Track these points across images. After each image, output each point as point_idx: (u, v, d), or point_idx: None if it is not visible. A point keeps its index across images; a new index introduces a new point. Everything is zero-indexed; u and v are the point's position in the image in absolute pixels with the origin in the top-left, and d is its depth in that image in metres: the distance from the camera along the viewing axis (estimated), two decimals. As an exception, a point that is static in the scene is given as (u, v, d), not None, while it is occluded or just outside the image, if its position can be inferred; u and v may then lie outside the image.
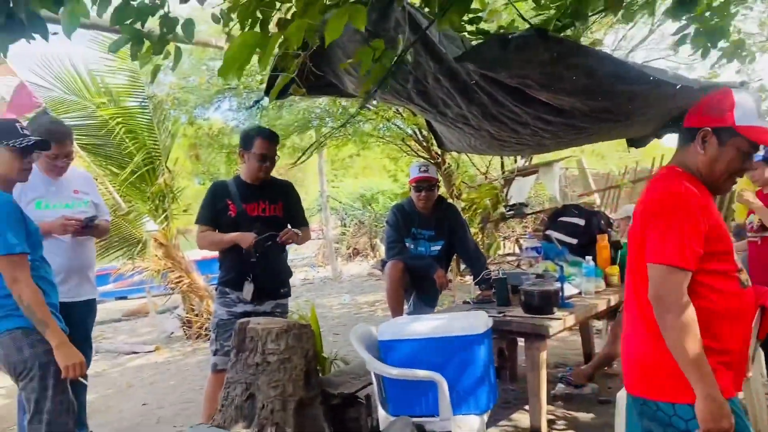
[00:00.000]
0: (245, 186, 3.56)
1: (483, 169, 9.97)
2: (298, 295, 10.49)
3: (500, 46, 2.68)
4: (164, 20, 2.34)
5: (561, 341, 5.74)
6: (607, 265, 4.08)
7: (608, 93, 3.19)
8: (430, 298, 4.39)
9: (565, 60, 2.79)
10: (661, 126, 4.28)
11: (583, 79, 2.97)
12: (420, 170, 4.27)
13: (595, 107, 3.40)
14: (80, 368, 2.56)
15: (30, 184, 3.00)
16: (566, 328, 3.49)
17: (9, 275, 2.47)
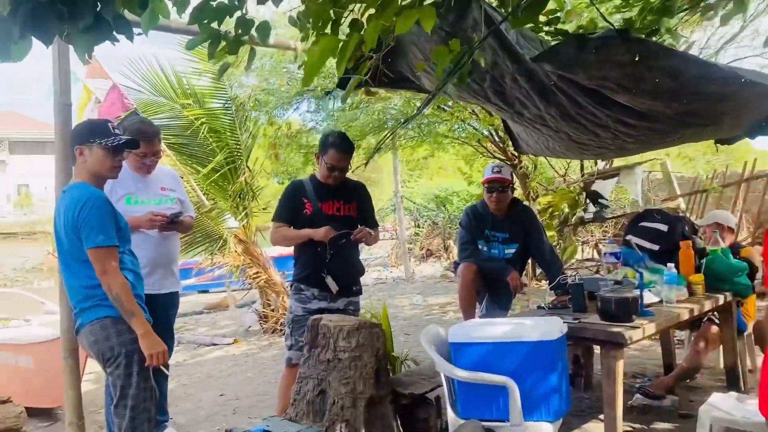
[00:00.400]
0: (321, 186, 3.64)
1: (561, 171, 9.74)
2: (371, 294, 10.58)
3: (578, 46, 2.62)
4: (240, 21, 2.41)
5: (640, 351, 5.54)
6: (691, 273, 3.90)
7: (694, 95, 3.05)
8: (503, 301, 4.33)
9: (647, 61, 2.69)
10: (753, 125, 4.05)
11: (667, 81, 2.86)
12: (493, 171, 4.23)
13: (680, 110, 3.26)
14: (162, 357, 2.69)
15: (120, 181, 3.17)
16: (645, 337, 3.37)
17: (100, 267, 2.62)
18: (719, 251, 4.06)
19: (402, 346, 5.48)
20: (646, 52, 2.64)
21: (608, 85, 3.01)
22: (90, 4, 1.94)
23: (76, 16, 1.92)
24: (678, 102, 3.11)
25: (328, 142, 3.62)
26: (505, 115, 4.45)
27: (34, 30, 1.87)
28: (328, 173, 3.58)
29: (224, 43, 2.49)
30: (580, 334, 3.28)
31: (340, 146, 3.60)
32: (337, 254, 3.51)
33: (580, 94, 3.30)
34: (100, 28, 2.00)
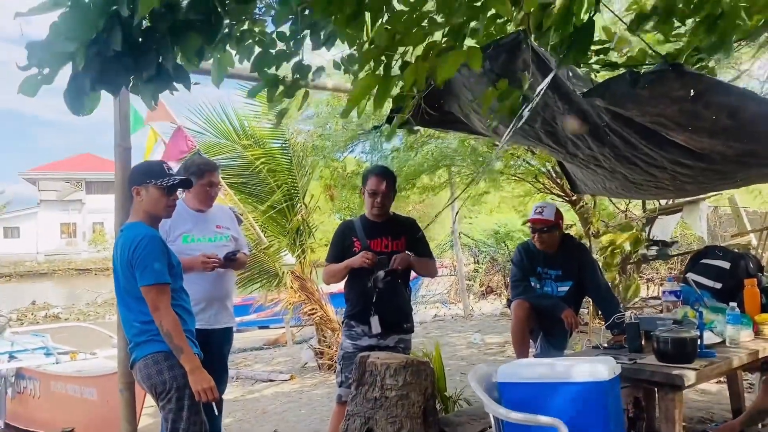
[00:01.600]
0: (369, 223, 3.73)
1: (622, 208, 9.50)
2: (428, 332, 10.50)
3: (631, 81, 2.59)
4: (298, 67, 2.52)
5: (707, 395, 5.28)
6: (757, 313, 3.72)
7: (755, 135, 2.93)
8: (558, 340, 4.23)
9: (704, 98, 2.61)
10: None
11: (725, 119, 2.76)
12: (536, 211, 4.19)
13: (740, 151, 3.14)
14: (212, 393, 2.76)
15: (178, 220, 3.32)
16: (706, 379, 3.22)
17: (152, 303, 2.73)
18: (788, 289, 3.87)
19: (457, 386, 5.39)
20: (702, 87, 2.57)
21: (663, 122, 2.94)
22: (152, 56, 2.07)
23: (140, 68, 2.07)
24: (738, 142, 2.99)
25: (366, 173, 3.80)
26: (558, 156, 4.41)
27: (103, 83, 2.02)
28: (371, 200, 3.67)
29: (282, 88, 2.61)
30: (636, 376, 3.17)
31: (376, 171, 3.76)
32: (384, 292, 3.54)
33: (634, 135, 3.24)
34: (161, 78, 2.14)
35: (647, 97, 2.68)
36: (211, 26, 2.05)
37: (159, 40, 2.04)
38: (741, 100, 2.69)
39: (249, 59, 2.41)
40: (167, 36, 2.04)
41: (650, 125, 3.04)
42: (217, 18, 2.07)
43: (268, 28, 2.34)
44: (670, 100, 2.66)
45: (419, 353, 5.02)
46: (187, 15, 2.03)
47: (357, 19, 2.08)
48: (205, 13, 2.05)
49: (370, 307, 3.57)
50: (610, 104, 2.89)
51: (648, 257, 8.06)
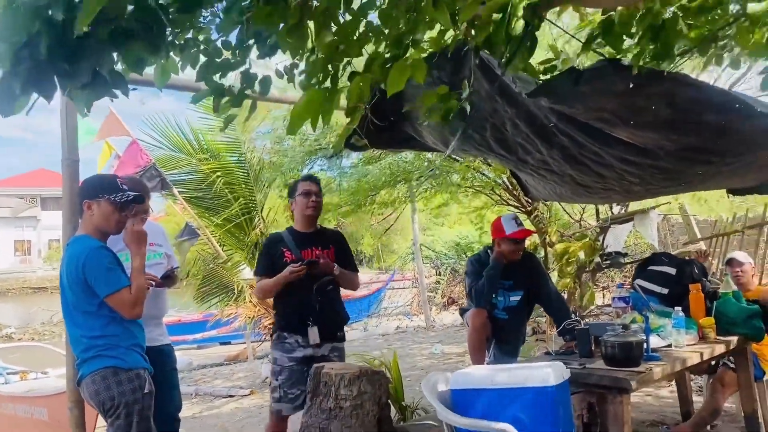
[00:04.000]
0: (298, 234, 3.79)
1: (577, 217, 9.70)
2: (390, 344, 10.52)
3: (573, 79, 2.67)
4: (244, 76, 2.53)
5: (659, 398, 5.42)
6: (702, 317, 3.85)
7: (693, 125, 3.01)
8: (511, 347, 4.30)
9: (642, 89, 2.69)
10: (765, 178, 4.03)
11: (664, 108, 2.84)
12: (518, 224, 4.23)
13: (681, 144, 3.24)
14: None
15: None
16: (652, 382, 3.31)
17: (126, 307, 2.73)
18: (730, 294, 4.01)
19: (415, 395, 5.42)
20: (639, 78, 2.65)
21: (606, 117, 3.03)
22: (88, 62, 2.04)
23: (75, 74, 2.03)
24: (677, 133, 3.08)
25: (293, 183, 3.91)
26: (509, 165, 4.49)
27: (35, 86, 1.98)
28: (306, 200, 3.73)
29: (228, 97, 2.60)
30: (586, 380, 3.23)
31: (306, 177, 3.92)
32: (323, 301, 3.58)
33: (580, 134, 3.33)
34: (98, 84, 2.11)
35: (589, 93, 2.76)
36: (154, 34, 2.04)
37: (96, 47, 2.01)
38: (676, 84, 2.78)
39: (194, 66, 2.41)
40: (106, 43, 2.02)
41: (594, 122, 3.13)
42: (159, 26, 2.06)
43: (214, 36, 2.34)
44: (611, 94, 2.75)
45: (377, 363, 5.03)
46: (129, 23, 2.01)
47: (299, 29, 2.09)
48: (147, 21, 2.04)
49: (307, 318, 3.58)
50: (555, 103, 2.96)
51: (602, 265, 8.23)
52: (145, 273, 3.45)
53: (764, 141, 3.13)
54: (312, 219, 3.81)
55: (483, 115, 3.31)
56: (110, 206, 2.86)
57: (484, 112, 3.30)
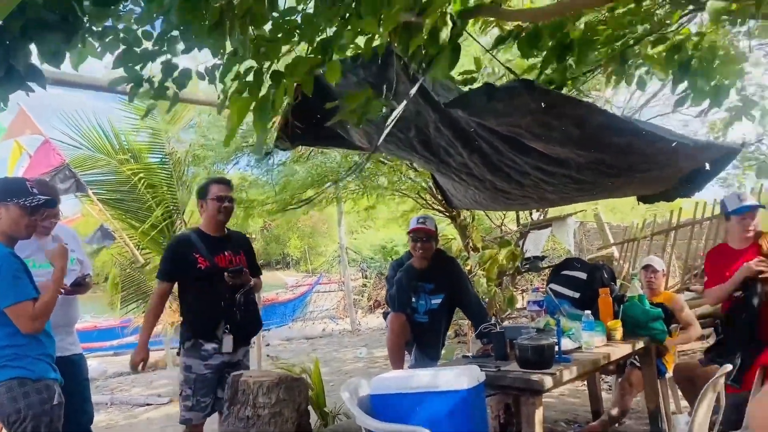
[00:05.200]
0: (209, 238, 3.68)
1: (498, 222, 9.98)
2: (315, 348, 10.48)
3: (487, 94, 2.77)
4: (165, 66, 2.48)
5: (571, 398, 5.63)
6: (610, 319, 4.03)
7: (601, 144, 3.21)
8: (431, 350, 4.37)
9: (554, 110, 2.84)
10: (669, 187, 4.29)
11: (574, 129, 3.01)
12: (418, 221, 4.32)
13: (589, 158, 3.43)
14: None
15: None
16: (563, 382, 3.44)
17: (25, 321, 2.60)
18: (636, 298, 4.22)
19: (338, 401, 5.42)
20: (552, 101, 2.80)
21: (520, 132, 3.16)
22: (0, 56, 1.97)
23: (-13, 68, 1.95)
24: (586, 150, 3.27)
25: (205, 184, 3.78)
26: (432, 167, 4.58)
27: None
28: (217, 205, 3.65)
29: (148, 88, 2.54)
30: (500, 383, 3.32)
31: (217, 180, 3.80)
32: (243, 310, 3.58)
33: (499, 141, 3.44)
34: (12, 78, 2.03)
35: (502, 109, 2.88)
36: (70, 24, 1.98)
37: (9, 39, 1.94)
38: (587, 111, 2.95)
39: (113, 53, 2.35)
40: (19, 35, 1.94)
41: (510, 134, 3.25)
42: (75, 17, 2.00)
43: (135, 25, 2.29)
44: (524, 112, 2.88)
45: (298, 370, 5.01)
46: (42, 14, 1.94)
47: (218, 28, 2.08)
48: (61, 12, 1.97)
49: (225, 326, 3.53)
50: (471, 115, 3.07)
51: (522, 269, 8.49)
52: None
53: (668, 160, 3.36)
54: (223, 224, 3.75)
55: (407, 116, 3.37)
56: (19, 210, 2.74)
57: (408, 113, 3.36)
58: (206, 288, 3.55)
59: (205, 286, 3.56)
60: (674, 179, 4.05)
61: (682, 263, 9.76)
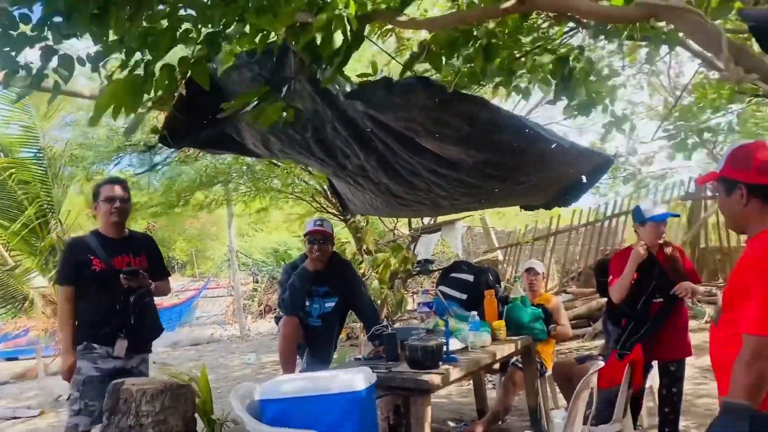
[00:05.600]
0: (107, 240, 3.53)
1: (391, 226, 10.14)
2: (202, 355, 10.16)
3: (385, 88, 2.83)
4: (44, 52, 2.31)
5: (458, 397, 5.81)
6: (495, 320, 4.20)
7: (490, 143, 3.34)
8: (324, 354, 4.36)
9: (448, 106, 2.94)
10: (550, 198, 4.54)
11: (465, 126, 3.12)
12: (315, 223, 4.30)
13: (479, 159, 3.56)
14: None
15: None
16: (450, 382, 3.54)
17: None
18: (519, 299, 4.43)
19: (226, 408, 5.27)
20: (446, 97, 2.89)
21: (415, 128, 3.24)
22: None
23: None
24: (475, 149, 3.39)
25: (97, 185, 3.62)
26: (329, 170, 4.58)
27: None
28: (109, 205, 3.49)
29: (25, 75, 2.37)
30: (391, 384, 3.36)
31: (110, 180, 3.65)
32: (139, 313, 3.39)
33: (395, 142, 3.51)
34: None
35: (400, 103, 2.95)
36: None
37: None
38: (477, 106, 3.07)
39: None
40: None
41: (405, 131, 3.32)
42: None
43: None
44: (420, 107, 2.96)
45: (185, 377, 4.83)
46: None
47: (102, 17, 1.97)
48: None
49: (120, 329, 3.37)
50: (369, 107, 3.11)
51: (412, 272, 8.68)
52: None
53: (549, 161, 3.55)
54: (119, 225, 3.56)
55: (305, 115, 3.35)
56: None
57: (305, 112, 3.35)
58: (101, 290, 3.39)
59: (100, 289, 3.39)
60: (554, 190, 4.31)
61: (560, 267, 10.37)
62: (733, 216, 2.14)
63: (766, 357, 1.77)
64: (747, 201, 2.00)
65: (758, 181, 1.98)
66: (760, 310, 1.80)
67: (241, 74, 3.29)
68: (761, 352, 1.77)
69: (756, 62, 1.81)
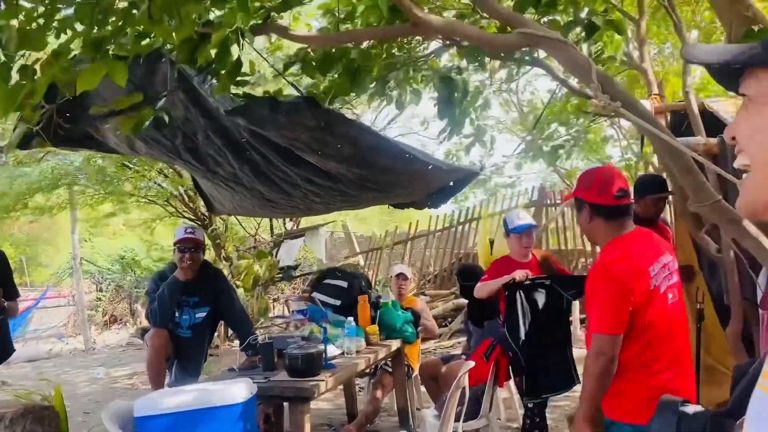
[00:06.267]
0: None
1: (252, 231, 9.97)
2: (42, 371, 9.30)
3: (271, 106, 2.81)
4: None
5: (327, 402, 5.85)
6: (368, 324, 4.30)
7: (370, 164, 3.47)
8: (193, 366, 4.22)
9: (332, 128, 2.99)
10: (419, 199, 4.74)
11: (347, 147, 3.21)
12: (186, 231, 4.14)
13: (358, 175, 3.67)
14: None
15: None
16: (329, 389, 3.59)
17: None
18: (390, 303, 4.57)
19: (78, 427, 4.92)
20: (331, 120, 2.94)
21: (298, 146, 3.25)
22: None
23: None
24: (357, 168, 3.49)
25: None
26: (197, 174, 4.44)
27: None
28: None
29: None
30: (270, 393, 3.35)
31: None
32: None
33: (273, 153, 3.49)
34: None
35: (285, 122, 2.95)
36: None
37: None
38: (360, 132, 3.17)
39: None
40: None
41: (287, 146, 3.32)
42: None
43: None
44: (304, 127, 2.98)
45: (36, 397, 4.44)
46: None
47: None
48: None
49: None
50: (251, 124, 3.08)
51: (275, 279, 8.61)
52: None
53: (423, 176, 3.75)
54: None
55: (175, 123, 3.24)
56: None
57: (177, 119, 3.24)
58: None
59: None
60: (424, 193, 4.52)
61: (417, 270, 10.78)
62: (584, 231, 2.54)
63: (605, 352, 2.09)
64: (591, 219, 2.34)
65: (599, 201, 2.31)
66: (599, 310, 2.15)
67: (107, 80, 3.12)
68: (602, 347, 2.11)
69: (620, 92, 2.05)
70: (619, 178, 2.40)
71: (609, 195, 2.32)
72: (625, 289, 2.11)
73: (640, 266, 2.17)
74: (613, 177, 2.39)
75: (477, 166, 4.18)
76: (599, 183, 2.35)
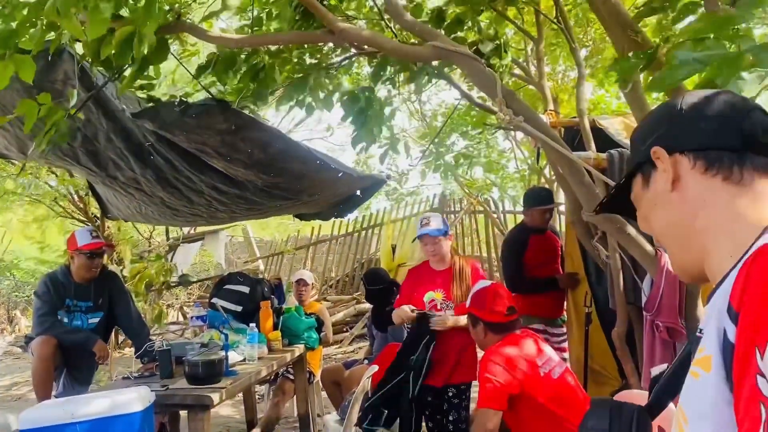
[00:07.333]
0: None
1: (147, 235, 9.59)
2: None
3: (180, 109, 2.75)
4: None
5: (226, 409, 5.74)
6: (270, 331, 4.26)
7: (280, 170, 3.45)
8: (84, 375, 4.01)
9: (242, 132, 2.96)
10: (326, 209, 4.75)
11: (258, 152, 3.18)
12: (92, 236, 3.94)
13: (268, 182, 3.63)
14: None
15: None
16: (232, 396, 3.53)
17: None
18: (293, 309, 4.55)
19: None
20: (241, 123, 2.91)
21: (207, 150, 3.18)
22: None
23: None
24: (266, 174, 3.47)
25: None
26: (95, 179, 4.25)
27: None
28: None
29: None
30: (169, 401, 3.24)
31: None
32: None
33: (177, 158, 3.39)
34: None
35: (194, 126, 2.89)
36: None
37: None
38: (271, 137, 3.15)
39: None
40: None
41: (195, 151, 3.24)
42: None
43: None
44: (214, 131, 2.94)
45: None
46: None
47: None
48: None
49: None
50: (159, 128, 2.99)
51: (170, 283, 8.31)
52: None
53: (332, 184, 3.77)
54: None
55: (75, 124, 3.10)
56: None
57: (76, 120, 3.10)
58: None
59: None
60: (332, 203, 4.54)
61: (319, 275, 10.77)
62: (477, 342, 3.10)
63: (480, 424, 2.64)
64: (485, 333, 2.91)
65: (492, 320, 2.88)
66: (480, 391, 2.68)
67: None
68: (479, 418, 2.67)
69: (522, 107, 2.18)
70: (506, 297, 2.96)
71: (499, 313, 2.87)
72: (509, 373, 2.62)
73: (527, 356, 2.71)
74: (500, 296, 2.94)
75: (384, 174, 4.26)
76: (490, 302, 2.90)
